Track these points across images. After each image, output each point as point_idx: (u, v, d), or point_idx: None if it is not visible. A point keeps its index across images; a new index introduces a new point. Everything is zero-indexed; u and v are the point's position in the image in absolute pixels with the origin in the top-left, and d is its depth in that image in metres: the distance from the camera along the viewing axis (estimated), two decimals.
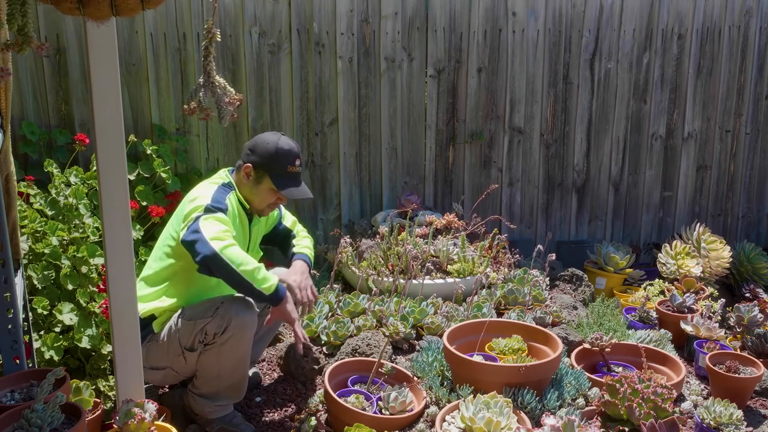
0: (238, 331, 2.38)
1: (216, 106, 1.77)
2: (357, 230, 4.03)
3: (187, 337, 2.40)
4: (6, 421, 1.81)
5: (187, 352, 2.42)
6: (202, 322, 2.37)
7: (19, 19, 1.36)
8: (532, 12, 4.19)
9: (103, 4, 1.35)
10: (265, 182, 2.55)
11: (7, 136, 2.16)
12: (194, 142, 3.85)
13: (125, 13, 1.40)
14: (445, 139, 4.25)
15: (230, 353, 2.41)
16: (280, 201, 2.62)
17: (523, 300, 3.39)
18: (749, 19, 4.49)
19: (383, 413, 2.49)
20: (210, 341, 2.38)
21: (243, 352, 2.45)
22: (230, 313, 2.37)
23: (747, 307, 3.29)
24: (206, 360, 2.42)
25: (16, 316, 2.11)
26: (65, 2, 1.34)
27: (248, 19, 3.79)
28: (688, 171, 4.66)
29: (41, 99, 3.57)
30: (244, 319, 2.39)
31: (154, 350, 2.47)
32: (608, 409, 2.37)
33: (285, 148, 2.55)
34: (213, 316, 2.37)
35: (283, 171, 2.55)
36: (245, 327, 2.40)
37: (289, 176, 2.56)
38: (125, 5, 1.38)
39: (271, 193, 2.57)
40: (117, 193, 1.94)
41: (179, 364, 2.47)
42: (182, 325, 2.41)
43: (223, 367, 2.43)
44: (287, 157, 2.55)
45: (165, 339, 2.45)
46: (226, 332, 2.36)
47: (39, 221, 2.81)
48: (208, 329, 2.37)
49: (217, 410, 2.50)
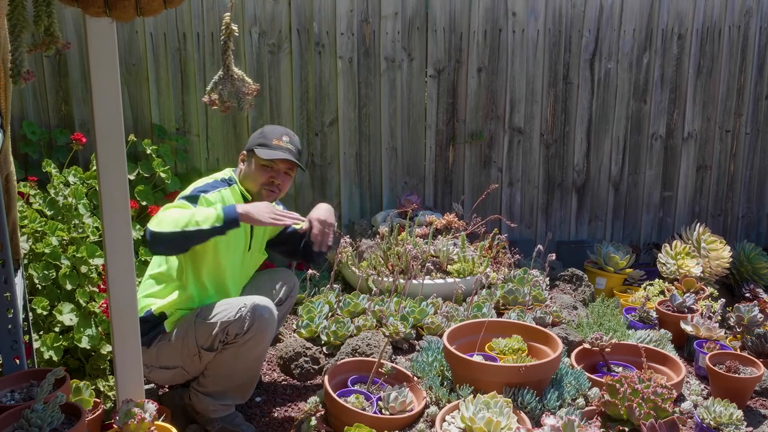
0: (259, 333, 2.39)
1: (235, 97, 1.84)
2: (357, 230, 4.03)
3: (207, 338, 2.41)
4: (6, 421, 1.81)
5: (205, 351, 2.43)
6: (225, 323, 2.38)
7: (45, 20, 1.38)
8: (532, 12, 4.19)
9: (129, 8, 1.37)
10: (254, 159, 2.59)
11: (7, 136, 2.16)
12: (194, 142, 3.85)
13: (149, 14, 1.42)
14: (445, 139, 4.25)
15: (248, 354, 2.42)
16: (273, 179, 2.59)
17: (523, 300, 3.39)
18: (749, 19, 4.49)
19: (383, 413, 2.49)
20: (231, 341, 2.40)
21: (260, 353, 2.47)
22: (254, 314, 2.38)
23: (747, 307, 3.28)
24: (222, 359, 2.43)
25: (16, 316, 2.11)
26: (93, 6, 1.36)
27: (248, 19, 3.79)
28: (688, 171, 4.66)
29: (41, 99, 3.57)
30: (267, 320, 2.41)
31: (166, 350, 2.47)
32: (608, 409, 2.37)
33: (271, 126, 2.68)
34: (236, 317, 2.38)
35: (268, 143, 2.59)
36: (267, 329, 2.42)
37: (273, 147, 2.58)
38: (150, 7, 1.40)
39: (261, 170, 2.58)
40: (117, 193, 1.94)
41: (192, 364, 2.48)
42: (201, 326, 2.42)
43: (237, 367, 2.45)
44: (273, 131, 2.63)
45: (179, 339, 2.46)
46: (248, 333, 2.38)
47: (39, 221, 2.81)
48: (230, 330, 2.38)
49: (220, 409, 2.50)
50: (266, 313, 2.41)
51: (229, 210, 2.34)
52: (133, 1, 1.38)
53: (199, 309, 2.47)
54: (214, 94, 1.80)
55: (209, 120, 3.83)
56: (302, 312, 3.21)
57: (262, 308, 2.41)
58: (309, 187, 4.09)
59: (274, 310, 2.46)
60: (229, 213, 2.33)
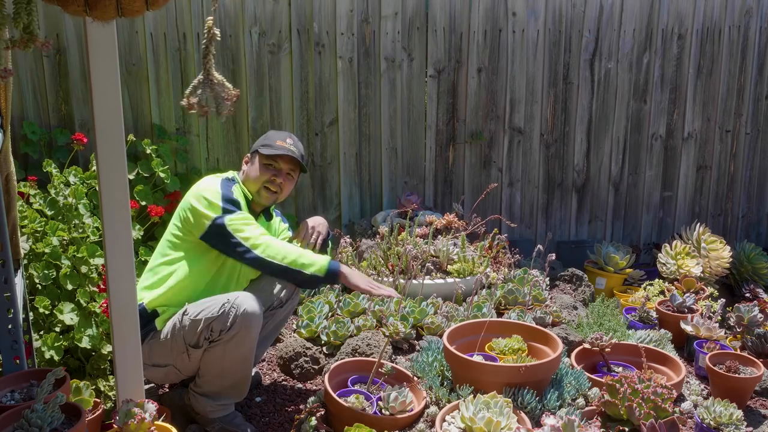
0: (243, 329, 2.38)
1: (214, 101, 1.83)
2: (357, 230, 4.03)
3: (192, 334, 2.41)
4: (6, 421, 1.81)
5: (192, 349, 2.43)
6: (209, 320, 2.38)
7: (24, 18, 1.37)
8: (532, 12, 4.19)
9: (109, 7, 1.37)
10: (258, 158, 2.65)
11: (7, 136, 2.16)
12: (194, 142, 3.85)
13: (130, 15, 1.42)
14: (445, 139, 4.25)
15: (235, 351, 2.42)
16: (275, 178, 2.62)
17: (523, 300, 3.39)
18: (749, 19, 4.49)
19: (383, 413, 2.49)
20: (216, 338, 2.39)
21: (248, 349, 2.46)
22: (237, 311, 2.37)
23: (747, 307, 3.28)
24: (210, 358, 2.43)
25: (16, 316, 2.11)
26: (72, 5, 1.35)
27: (248, 19, 3.79)
28: (688, 171, 4.66)
29: (41, 99, 3.57)
30: (250, 316, 2.40)
31: (157, 347, 2.48)
32: (608, 409, 2.37)
33: (275, 131, 2.75)
34: (219, 313, 2.37)
35: (272, 144, 2.65)
36: (251, 325, 2.41)
37: (277, 147, 2.64)
38: (130, 7, 1.39)
39: (263, 168, 2.62)
40: (117, 193, 1.94)
41: (182, 362, 2.48)
42: (187, 322, 2.41)
43: (227, 365, 2.44)
44: (277, 135, 2.70)
45: (168, 336, 2.46)
46: (231, 329, 2.37)
47: (39, 221, 2.81)
48: (214, 326, 2.37)
49: (219, 409, 2.50)
50: (250, 309, 2.39)
51: (333, 267, 2.49)
52: (114, 2, 1.37)
53: (187, 306, 2.46)
54: (192, 98, 1.80)
55: (209, 120, 3.83)
56: (302, 312, 3.21)
57: (246, 305, 2.39)
58: (309, 188, 4.09)
59: (258, 307, 2.43)
60: (332, 269, 2.48)
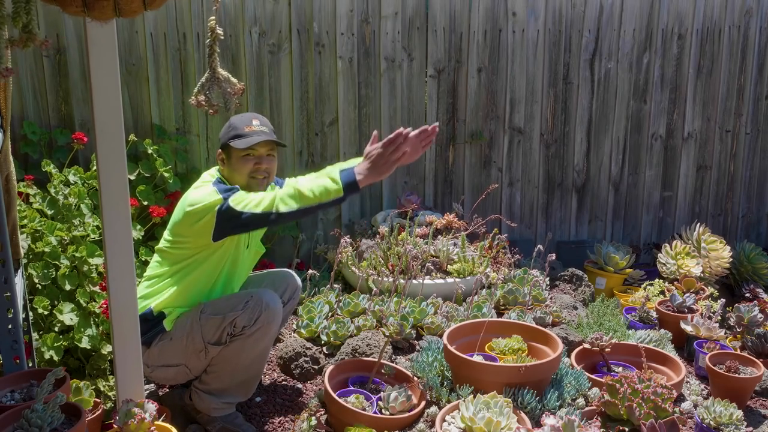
0: (266, 324, 2.42)
1: (222, 97, 1.86)
2: (357, 230, 4.03)
3: (214, 332, 2.42)
4: (6, 421, 1.81)
5: (212, 346, 2.44)
6: (232, 316, 2.40)
7: (23, 17, 1.38)
8: (532, 12, 4.19)
9: (107, 8, 1.38)
10: (233, 153, 2.53)
11: (7, 136, 2.17)
12: (194, 142, 3.85)
13: (128, 15, 1.43)
14: (445, 139, 4.25)
15: (254, 346, 2.45)
16: (258, 167, 2.55)
17: (523, 300, 3.39)
18: (749, 19, 4.49)
19: (383, 413, 2.49)
20: (238, 333, 2.42)
21: (265, 346, 2.50)
22: (261, 306, 2.41)
23: (747, 307, 3.28)
24: (226, 354, 2.45)
25: (16, 316, 2.12)
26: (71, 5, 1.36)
27: (248, 19, 3.79)
28: (688, 171, 4.66)
29: (41, 99, 3.57)
30: (273, 311, 2.45)
31: (169, 348, 2.48)
32: (608, 409, 2.37)
33: (237, 116, 2.62)
34: (244, 309, 2.40)
35: (241, 132, 2.53)
36: (273, 320, 2.45)
37: (247, 134, 2.53)
38: (128, 8, 1.40)
39: (243, 161, 2.53)
40: (117, 193, 1.94)
41: (196, 361, 2.49)
42: (207, 321, 2.43)
43: (241, 362, 2.46)
44: (240, 120, 2.57)
45: (182, 336, 2.46)
46: (255, 324, 2.40)
47: (39, 221, 2.81)
48: (238, 322, 2.40)
49: (222, 408, 2.51)
50: (273, 305, 2.45)
51: (347, 179, 2.33)
52: (112, 2, 1.38)
53: (203, 305, 2.48)
54: (201, 96, 1.82)
55: (209, 120, 3.83)
56: (302, 312, 3.21)
57: (269, 300, 2.45)
58: None
59: (279, 302, 2.49)
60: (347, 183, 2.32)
